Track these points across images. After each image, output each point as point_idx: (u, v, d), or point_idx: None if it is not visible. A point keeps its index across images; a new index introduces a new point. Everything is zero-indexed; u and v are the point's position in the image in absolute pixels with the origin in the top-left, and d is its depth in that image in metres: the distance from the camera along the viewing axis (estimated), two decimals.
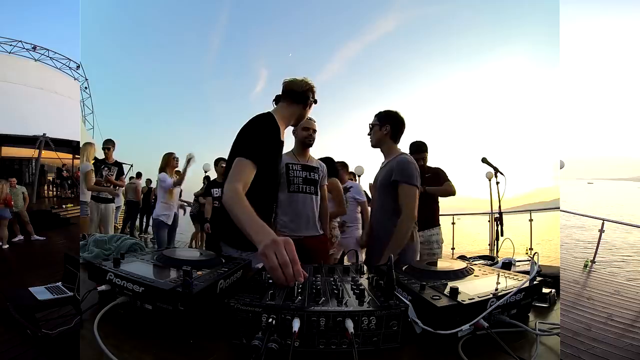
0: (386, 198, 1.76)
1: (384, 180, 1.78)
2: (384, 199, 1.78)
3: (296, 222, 1.98)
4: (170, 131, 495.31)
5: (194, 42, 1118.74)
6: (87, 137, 13.81)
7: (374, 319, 0.67)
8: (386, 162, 1.86)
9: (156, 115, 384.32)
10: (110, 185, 4.25)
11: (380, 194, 1.82)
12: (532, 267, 0.88)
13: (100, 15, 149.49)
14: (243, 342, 0.66)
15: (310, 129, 2.04)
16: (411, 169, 1.70)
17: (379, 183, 1.84)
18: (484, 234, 6.23)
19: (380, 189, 1.82)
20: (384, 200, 1.78)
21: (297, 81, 1.54)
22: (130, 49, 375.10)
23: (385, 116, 1.85)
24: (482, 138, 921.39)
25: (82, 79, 17.44)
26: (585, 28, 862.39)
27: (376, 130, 1.87)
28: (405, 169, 1.70)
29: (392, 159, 1.81)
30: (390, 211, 1.73)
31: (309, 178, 2.03)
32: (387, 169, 1.78)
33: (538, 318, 0.89)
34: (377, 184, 1.86)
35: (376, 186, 1.88)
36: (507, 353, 0.66)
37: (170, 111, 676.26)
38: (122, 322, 0.77)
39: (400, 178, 1.69)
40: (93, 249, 1.31)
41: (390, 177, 1.73)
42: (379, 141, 1.89)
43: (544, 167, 46.61)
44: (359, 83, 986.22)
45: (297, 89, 1.52)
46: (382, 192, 1.80)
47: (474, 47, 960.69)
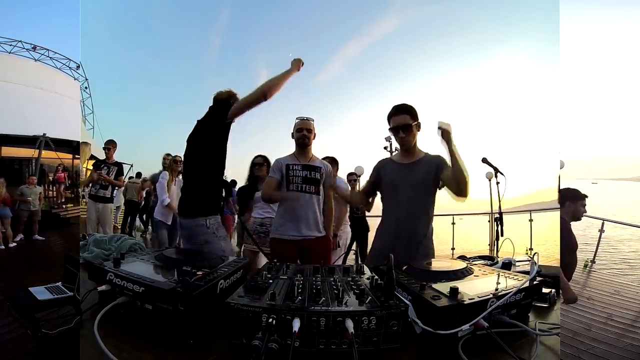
0: (427, 197, 1.68)
1: (425, 178, 1.66)
2: (424, 199, 1.68)
3: (295, 222, 1.97)
4: (171, 131, 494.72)
5: (194, 42, 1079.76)
6: (87, 137, 13.81)
7: (374, 319, 0.67)
8: (414, 160, 1.72)
9: (156, 115, 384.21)
10: (107, 183, 4.23)
11: (417, 193, 1.67)
12: (532, 267, 0.88)
13: (100, 15, 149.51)
14: (243, 342, 0.66)
15: (303, 129, 2.01)
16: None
17: (414, 182, 1.68)
18: (484, 234, 6.23)
19: (418, 188, 1.67)
20: (424, 200, 1.68)
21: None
22: (130, 49, 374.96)
23: (416, 113, 1.70)
24: (482, 138, 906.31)
25: (82, 79, 17.44)
26: (585, 28, 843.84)
27: (414, 129, 1.68)
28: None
29: (423, 156, 1.71)
30: (430, 210, 1.70)
31: (309, 177, 2.01)
32: (425, 167, 1.68)
33: (538, 318, 0.89)
34: (411, 184, 1.69)
35: (403, 186, 1.70)
36: (507, 353, 0.66)
37: (170, 111, 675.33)
38: (122, 322, 0.77)
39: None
40: (93, 249, 1.31)
41: (434, 174, 1.65)
42: (414, 140, 1.71)
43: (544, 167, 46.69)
44: (359, 83, 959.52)
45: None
46: (422, 190, 1.67)
47: (474, 46, 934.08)
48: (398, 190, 1.69)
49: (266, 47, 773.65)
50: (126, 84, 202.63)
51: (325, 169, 2.10)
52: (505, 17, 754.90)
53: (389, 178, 1.74)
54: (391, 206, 1.73)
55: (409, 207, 1.67)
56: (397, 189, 1.70)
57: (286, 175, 1.98)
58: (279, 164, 2.01)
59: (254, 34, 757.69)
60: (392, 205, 1.72)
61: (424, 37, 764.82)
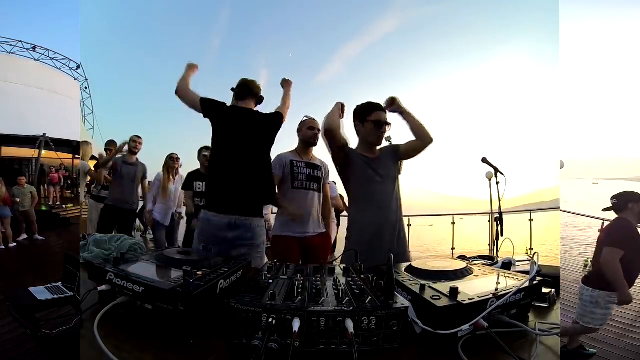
0: (397, 186, 1.73)
1: (391, 167, 1.72)
2: (397, 189, 1.72)
3: (300, 220, 1.97)
4: (171, 131, 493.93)
5: (194, 41, 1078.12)
6: (87, 137, 13.81)
7: (374, 319, 0.67)
8: (376, 155, 1.74)
9: (156, 115, 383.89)
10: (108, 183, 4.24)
11: (391, 186, 1.70)
12: (532, 267, 0.89)
13: (100, 15, 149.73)
14: (243, 342, 0.66)
15: (315, 128, 2.04)
16: None
17: (386, 177, 1.69)
18: (484, 234, 6.23)
19: (391, 181, 1.71)
20: (397, 190, 1.72)
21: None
22: (130, 49, 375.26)
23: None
24: (482, 138, 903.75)
25: (82, 79, 17.45)
26: (585, 28, 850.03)
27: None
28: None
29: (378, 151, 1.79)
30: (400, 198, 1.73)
31: (312, 175, 2.03)
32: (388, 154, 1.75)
33: (538, 318, 0.89)
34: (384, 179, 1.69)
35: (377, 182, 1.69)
36: (507, 353, 0.66)
37: (170, 111, 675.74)
38: (122, 322, 0.77)
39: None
40: (93, 249, 1.31)
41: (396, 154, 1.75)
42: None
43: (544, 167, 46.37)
44: (359, 83, 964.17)
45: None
46: (395, 181, 1.72)
47: (474, 46, 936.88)
48: (372, 184, 1.65)
49: (266, 47, 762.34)
50: (126, 84, 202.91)
51: (325, 168, 2.13)
52: (505, 17, 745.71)
53: (359, 171, 1.65)
54: (365, 203, 1.65)
55: (387, 199, 1.65)
56: (369, 185, 1.65)
57: (291, 172, 1.98)
58: (282, 160, 2.01)
59: (254, 34, 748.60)
60: (365, 202, 1.65)
61: (424, 37, 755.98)
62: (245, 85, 1.76)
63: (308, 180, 2.01)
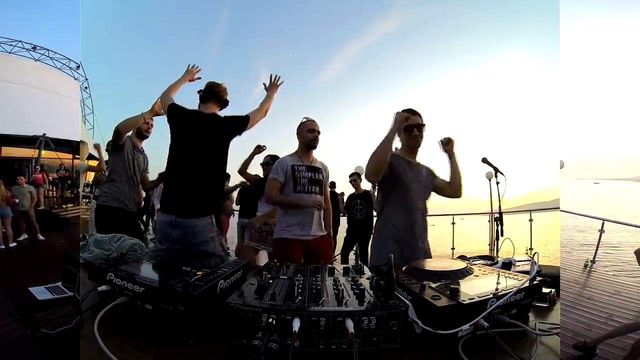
0: (427, 197, 1.78)
1: (427, 180, 1.78)
2: (425, 199, 1.77)
3: (303, 223, 1.98)
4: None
5: (194, 41, 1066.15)
6: (87, 137, 13.81)
7: (374, 319, 0.67)
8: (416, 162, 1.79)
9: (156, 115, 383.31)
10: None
11: (424, 193, 1.77)
12: (532, 267, 0.88)
13: (100, 15, 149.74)
14: (243, 342, 0.66)
15: (315, 130, 2.03)
16: None
17: (422, 184, 1.76)
18: (484, 234, 6.22)
19: (426, 189, 1.77)
20: (425, 199, 1.77)
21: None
22: (130, 49, 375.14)
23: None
24: (482, 138, 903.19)
25: (82, 79, 17.44)
26: (585, 29, 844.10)
27: (424, 130, 1.76)
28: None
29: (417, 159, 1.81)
30: (426, 210, 1.77)
31: (314, 179, 2.02)
32: (426, 169, 1.80)
33: (538, 318, 0.89)
34: (420, 184, 1.75)
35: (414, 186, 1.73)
36: (507, 353, 0.66)
37: None
38: (122, 322, 0.77)
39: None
40: (93, 249, 1.31)
41: (433, 176, 1.80)
42: (422, 141, 1.79)
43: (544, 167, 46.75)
44: (359, 83, 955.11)
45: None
46: (427, 191, 1.78)
47: (474, 46, 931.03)
48: (409, 188, 1.69)
49: (266, 47, 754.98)
50: (126, 84, 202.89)
51: (325, 170, 2.12)
52: (505, 18, 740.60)
53: (399, 173, 1.68)
54: (401, 203, 1.68)
55: (419, 206, 1.71)
56: (408, 186, 1.69)
57: (292, 176, 1.98)
58: (283, 164, 2.01)
59: (254, 34, 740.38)
60: (401, 202, 1.68)
61: (424, 37, 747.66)
62: (209, 89, 1.79)
63: (310, 183, 2.00)
